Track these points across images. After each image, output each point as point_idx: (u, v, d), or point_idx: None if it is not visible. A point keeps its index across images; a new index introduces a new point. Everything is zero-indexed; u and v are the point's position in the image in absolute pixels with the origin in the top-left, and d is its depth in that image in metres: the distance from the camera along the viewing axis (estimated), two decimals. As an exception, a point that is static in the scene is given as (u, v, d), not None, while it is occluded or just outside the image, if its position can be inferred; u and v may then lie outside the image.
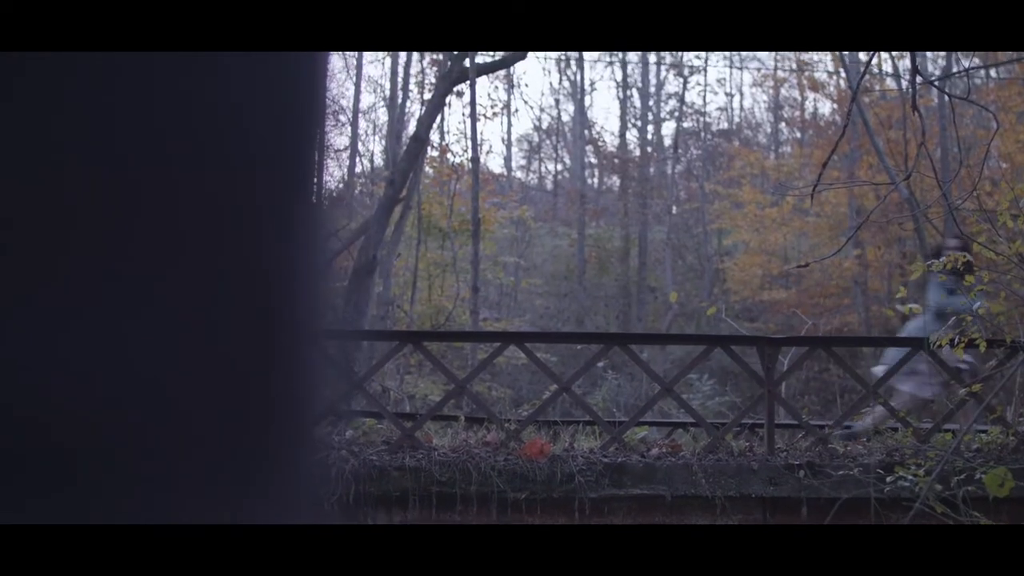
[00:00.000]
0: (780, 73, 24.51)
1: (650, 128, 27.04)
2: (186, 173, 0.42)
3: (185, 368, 0.42)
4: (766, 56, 24.37)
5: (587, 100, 32.89)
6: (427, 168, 17.75)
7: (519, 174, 30.66)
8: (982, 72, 15.90)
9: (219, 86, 0.43)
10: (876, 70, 17.46)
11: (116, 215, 0.40)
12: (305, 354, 0.46)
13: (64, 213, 0.39)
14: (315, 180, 0.46)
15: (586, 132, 27.63)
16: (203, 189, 0.42)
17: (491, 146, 36.06)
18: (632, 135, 27.05)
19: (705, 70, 26.48)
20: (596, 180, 28.64)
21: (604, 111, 40.59)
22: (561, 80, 28.85)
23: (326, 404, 0.48)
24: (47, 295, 0.39)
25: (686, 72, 26.40)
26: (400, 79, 16.97)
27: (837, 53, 16.28)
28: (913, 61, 5.59)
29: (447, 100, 15.61)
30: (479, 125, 19.09)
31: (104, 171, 0.40)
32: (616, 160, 26.71)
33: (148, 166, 0.41)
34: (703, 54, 24.99)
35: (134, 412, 0.40)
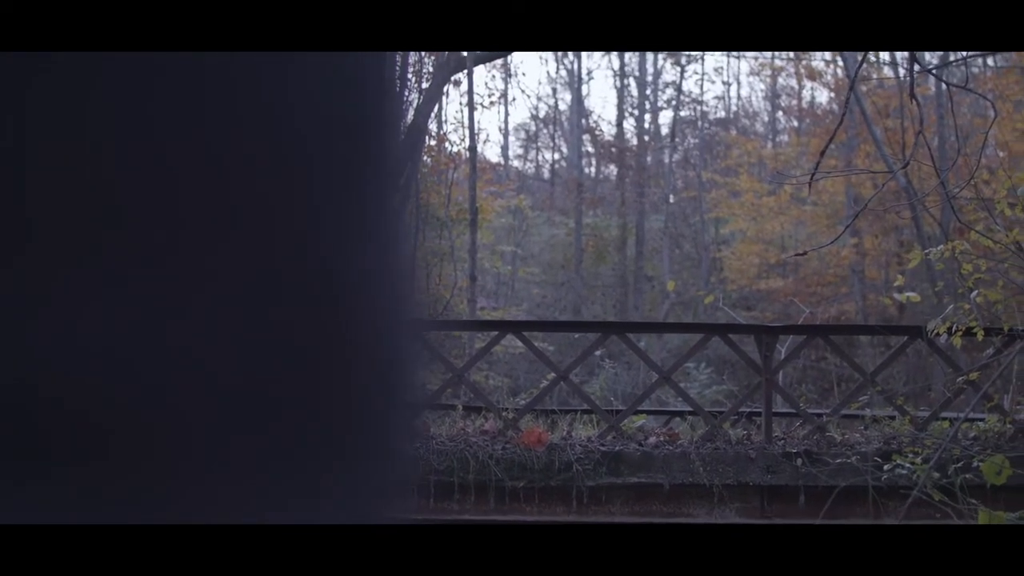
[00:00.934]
0: (777, 62, 24.49)
1: (647, 117, 27.02)
2: (239, 165, 0.42)
3: (247, 356, 0.41)
4: (763, 44, 24.35)
5: (584, 89, 32.91)
6: (425, 157, 17.73)
7: (516, 163, 30.61)
8: (980, 60, 15.88)
9: (277, 83, 0.43)
10: (874, 58, 17.45)
11: (161, 207, 0.40)
12: (386, 345, 0.46)
13: (103, 200, 0.39)
14: (393, 172, 0.46)
15: (583, 121, 27.59)
16: (256, 183, 0.42)
17: (488, 135, 36.09)
18: (629, 124, 27.02)
19: (702, 59, 26.35)
20: (593, 169, 28.61)
21: (601, 100, 40.66)
22: (558, 69, 28.78)
23: (416, 394, 0.48)
24: (85, 281, 0.39)
25: (683, 61, 26.36)
26: (398, 68, 16.95)
27: (835, 41, 16.24)
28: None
29: (445, 89, 15.61)
30: (476, 114, 19.08)
31: (146, 161, 0.40)
32: (613, 149, 26.67)
33: (197, 156, 0.41)
34: (700, 42, 24.95)
35: (185, 401, 0.40)
